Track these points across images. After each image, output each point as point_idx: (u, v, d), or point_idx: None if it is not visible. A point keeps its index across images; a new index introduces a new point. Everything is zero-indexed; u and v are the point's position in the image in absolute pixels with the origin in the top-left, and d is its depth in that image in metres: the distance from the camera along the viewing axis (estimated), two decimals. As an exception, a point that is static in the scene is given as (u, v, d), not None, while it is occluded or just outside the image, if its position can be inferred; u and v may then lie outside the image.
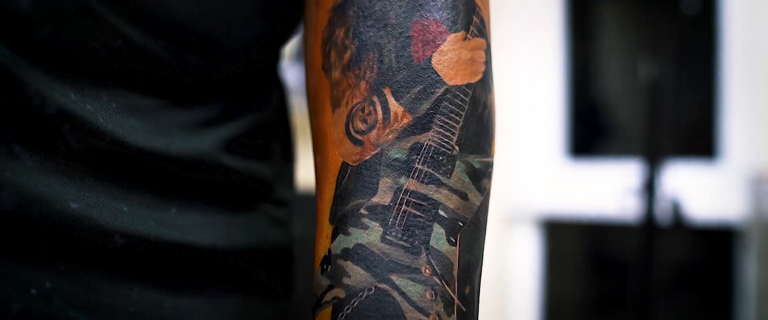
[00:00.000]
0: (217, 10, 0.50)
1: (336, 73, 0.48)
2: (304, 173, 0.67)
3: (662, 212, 1.65)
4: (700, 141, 2.22)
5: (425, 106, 0.46)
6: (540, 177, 2.37)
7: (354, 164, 0.46)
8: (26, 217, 0.44)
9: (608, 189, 2.05)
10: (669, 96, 1.60)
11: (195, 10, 0.49)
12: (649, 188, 1.64)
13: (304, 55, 0.53)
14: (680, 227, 1.66)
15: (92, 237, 0.46)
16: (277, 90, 0.62)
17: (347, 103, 0.47)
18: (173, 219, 0.50)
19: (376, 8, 0.47)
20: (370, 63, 0.47)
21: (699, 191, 1.99)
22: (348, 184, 0.46)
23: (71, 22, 0.44)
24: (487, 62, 0.49)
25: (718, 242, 2.19)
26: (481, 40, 0.48)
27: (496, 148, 0.50)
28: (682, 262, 2.25)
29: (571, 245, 2.49)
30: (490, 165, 0.48)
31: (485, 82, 0.48)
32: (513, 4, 2.38)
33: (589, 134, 2.44)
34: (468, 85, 0.47)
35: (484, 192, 0.47)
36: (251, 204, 0.56)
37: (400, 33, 0.46)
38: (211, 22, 0.50)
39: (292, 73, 1.63)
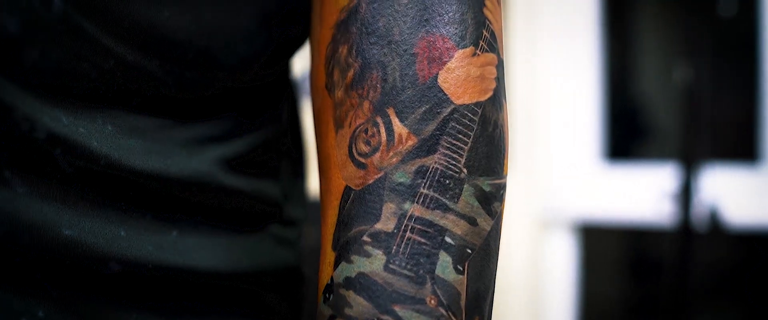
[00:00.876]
0: (214, 26, 0.49)
1: (339, 93, 0.46)
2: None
3: (699, 217, 1.61)
4: (740, 144, 2.16)
5: (431, 126, 0.44)
6: (576, 181, 2.33)
7: (357, 188, 0.44)
8: (16, 245, 0.42)
9: (646, 193, 2.00)
10: (707, 99, 1.55)
11: (191, 27, 0.47)
12: (686, 193, 1.60)
13: (310, 73, 0.51)
14: (718, 232, 1.61)
15: (87, 263, 0.44)
16: (287, 104, 0.61)
17: (350, 124, 0.45)
18: (174, 243, 0.49)
19: (380, 24, 0.45)
20: (374, 82, 0.45)
21: (739, 195, 1.94)
22: (351, 209, 0.44)
23: (60, 44, 0.43)
24: (499, 78, 0.46)
25: (759, 247, 2.13)
26: (491, 56, 0.46)
27: (508, 168, 0.48)
28: (721, 268, 2.19)
29: (608, 250, 2.44)
30: (501, 187, 0.46)
31: (496, 100, 0.46)
32: (547, 3, 2.35)
33: (627, 137, 2.39)
34: (477, 104, 0.45)
35: (495, 216, 0.45)
36: (258, 225, 0.55)
37: (405, 50, 0.44)
38: (208, 38, 0.48)
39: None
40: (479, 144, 0.44)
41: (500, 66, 0.47)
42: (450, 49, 0.44)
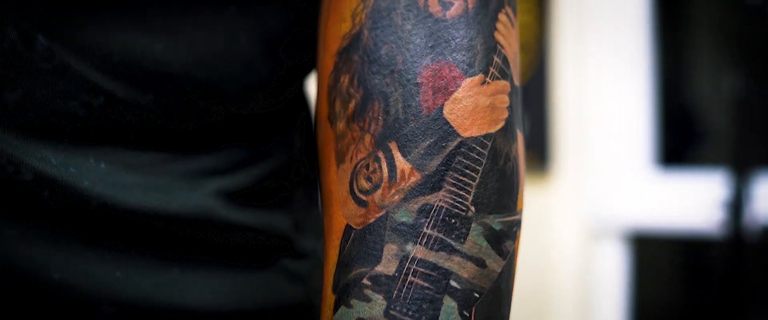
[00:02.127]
0: (213, 55, 0.47)
1: (340, 125, 0.43)
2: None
3: (751, 225, 1.55)
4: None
5: (436, 162, 0.41)
6: (627, 188, 2.26)
7: (358, 227, 0.42)
8: (3, 291, 0.41)
9: (699, 201, 1.94)
10: (759, 105, 1.49)
11: (187, 58, 0.46)
12: (737, 201, 1.54)
13: (315, 103, 0.48)
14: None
15: (77, 309, 0.43)
16: (301, 128, 0.58)
17: (352, 158, 0.43)
18: (174, 282, 0.47)
19: (382, 52, 0.42)
20: (375, 114, 0.42)
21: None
22: (351, 250, 0.42)
23: (45, 83, 0.41)
24: (512, 107, 0.43)
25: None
26: (503, 83, 0.43)
27: (523, 203, 0.44)
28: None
29: (661, 260, 2.37)
30: (514, 224, 0.43)
31: (508, 131, 0.43)
32: (597, 6, 2.29)
33: (679, 142, 2.32)
34: (486, 136, 0.42)
35: (507, 256, 0.42)
36: (266, 259, 0.52)
37: (408, 80, 0.42)
38: (206, 68, 0.46)
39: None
40: (489, 179, 0.41)
41: (514, 93, 0.44)
42: (457, 78, 0.42)
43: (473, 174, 0.41)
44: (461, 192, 0.41)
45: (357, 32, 0.43)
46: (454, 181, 0.41)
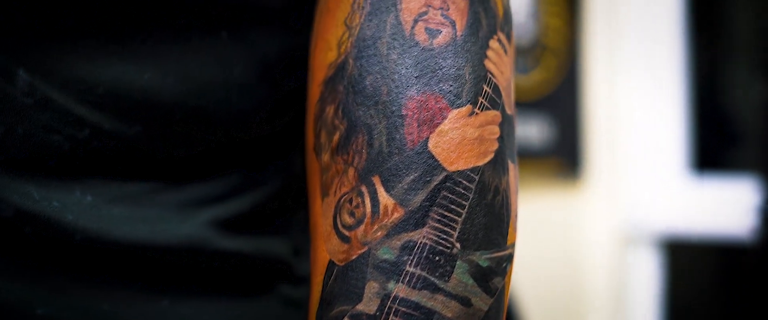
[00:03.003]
0: (204, 83, 0.46)
1: (325, 157, 0.42)
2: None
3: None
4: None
5: (420, 197, 0.39)
6: (660, 194, 2.22)
7: (340, 264, 0.41)
8: None
9: (735, 206, 1.89)
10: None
11: (177, 87, 0.45)
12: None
13: (305, 131, 0.47)
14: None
15: None
16: (303, 151, 0.57)
17: (335, 192, 0.41)
18: (164, 313, 0.46)
19: (367, 83, 0.41)
20: (359, 147, 0.41)
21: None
22: (334, 287, 0.41)
23: (27, 117, 0.41)
24: (503, 138, 0.42)
25: None
26: (492, 113, 0.41)
27: (516, 236, 0.43)
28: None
29: (695, 266, 2.32)
30: (504, 259, 0.41)
31: (498, 163, 0.41)
32: (629, 9, 2.25)
33: (714, 147, 2.27)
34: (474, 169, 0.40)
35: (495, 293, 0.41)
36: (262, 287, 0.51)
37: (393, 112, 0.40)
38: (197, 96, 0.46)
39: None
40: (476, 214, 0.40)
41: (505, 123, 0.42)
42: (443, 110, 0.40)
43: (459, 209, 0.40)
44: (446, 229, 0.39)
45: (342, 61, 0.42)
46: (438, 217, 0.39)
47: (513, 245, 0.42)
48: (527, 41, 2.10)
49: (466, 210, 0.40)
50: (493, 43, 0.42)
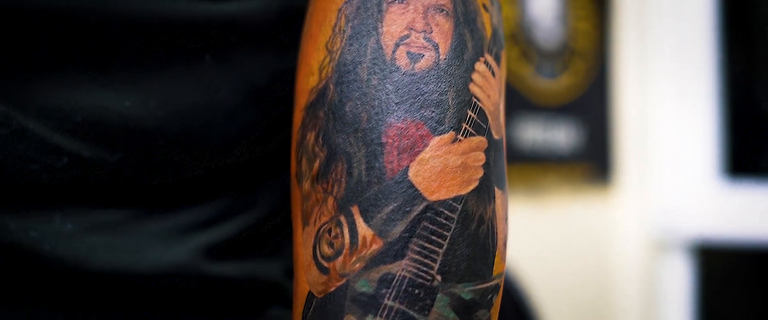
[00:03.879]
0: (188, 108, 0.45)
1: (306, 185, 0.41)
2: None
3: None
4: None
5: (399, 228, 0.38)
6: (692, 199, 2.18)
7: (319, 295, 0.39)
8: None
9: (770, 213, 1.85)
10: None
11: (159, 113, 0.44)
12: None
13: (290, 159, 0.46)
14: None
15: None
16: None
17: (315, 221, 0.40)
18: None
19: (347, 109, 0.40)
20: (339, 175, 0.40)
21: None
22: (312, 319, 0.40)
23: (2, 148, 0.40)
24: (489, 164, 0.40)
25: None
26: (477, 140, 0.40)
27: (504, 266, 0.41)
28: None
29: (729, 273, 2.27)
30: (489, 291, 0.40)
31: (483, 191, 0.40)
32: (660, 11, 2.21)
33: (748, 151, 2.22)
34: (456, 199, 0.39)
35: None
36: (253, 310, 0.51)
37: (372, 139, 0.39)
38: (181, 121, 0.45)
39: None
40: (458, 245, 0.39)
41: (492, 149, 0.41)
42: (424, 137, 0.39)
43: (440, 240, 0.38)
44: (426, 261, 0.38)
45: (323, 87, 0.41)
46: (418, 249, 0.38)
47: (500, 275, 0.41)
48: (555, 45, 2.07)
49: (447, 241, 0.38)
50: (479, 66, 0.41)
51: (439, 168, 0.39)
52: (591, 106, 2.15)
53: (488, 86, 0.41)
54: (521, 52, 1.96)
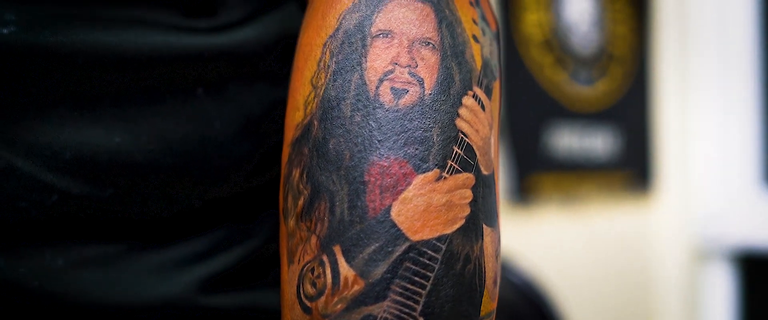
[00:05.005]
0: (180, 142, 0.45)
1: (291, 222, 0.41)
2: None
3: None
4: None
5: (381, 268, 0.37)
6: (734, 206, 2.13)
7: None
8: None
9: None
10: None
11: (149, 148, 0.44)
12: None
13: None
14: None
15: None
16: None
17: (299, 259, 0.40)
18: None
19: (330, 146, 0.39)
20: (322, 214, 0.39)
21: None
22: None
23: None
24: (477, 201, 0.39)
25: None
26: (464, 177, 0.39)
27: (494, 304, 0.41)
28: None
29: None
30: None
31: (470, 229, 0.39)
32: (701, 14, 2.16)
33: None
34: (440, 238, 0.38)
35: None
36: None
37: (355, 178, 0.38)
38: (173, 155, 0.45)
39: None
40: (442, 286, 0.38)
41: (480, 185, 0.40)
42: (408, 175, 0.38)
43: (423, 281, 0.37)
44: (408, 302, 0.37)
45: (308, 123, 0.41)
46: (400, 290, 0.37)
47: (490, 314, 0.40)
48: (591, 51, 2.04)
49: (430, 281, 0.37)
50: (467, 100, 0.40)
51: (422, 207, 0.38)
52: (629, 112, 2.11)
53: (476, 121, 0.40)
54: (556, 59, 1.93)
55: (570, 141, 1.95)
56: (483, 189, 0.40)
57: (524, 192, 1.81)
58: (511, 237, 1.68)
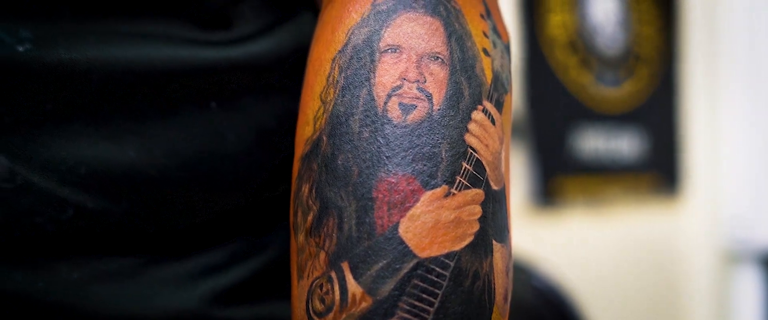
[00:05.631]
0: (194, 155, 0.45)
1: (300, 238, 0.41)
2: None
3: None
4: None
5: (388, 286, 0.37)
6: (764, 208, 2.09)
7: None
8: None
9: None
10: None
11: (163, 162, 0.44)
12: None
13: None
14: None
15: None
16: None
17: (308, 275, 0.40)
18: None
19: (339, 162, 0.39)
20: (330, 230, 0.39)
21: None
22: None
23: (6, 202, 0.41)
24: (487, 217, 0.39)
25: None
26: (473, 193, 0.39)
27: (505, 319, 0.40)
28: None
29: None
30: None
31: (479, 245, 0.39)
32: (728, 7, 2.14)
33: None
34: (449, 255, 0.38)
35: None
36: None
37: (362, 194, 0.38)
38: (187, 169, 0.45)
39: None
40: (451, 303, 0.37)
41: (490, 200, 0.40)
42: (415, 191, 0.38)
43: (431, 298, 0.37)
44: None
45: (317, 138, 0.41)
46: (408, 307, 0.37)
47: None
48: (617, 52, 2.02)
49: (439, 299, 0.37)
50: (477, 115, 0.40)
51: (430, 223, 0.38)
52: (656, 114, 2.09)
53: (486, 135, 0.40)
54: (581, 61, 1.92)
55: (596, 143, 1.94)
56: (493, 204, 0.40)
57: (549, 195, 1.79)
58: (536, 240, 1.67)
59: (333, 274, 0.38)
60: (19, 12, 0.41)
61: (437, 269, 0.37)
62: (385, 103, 0.39)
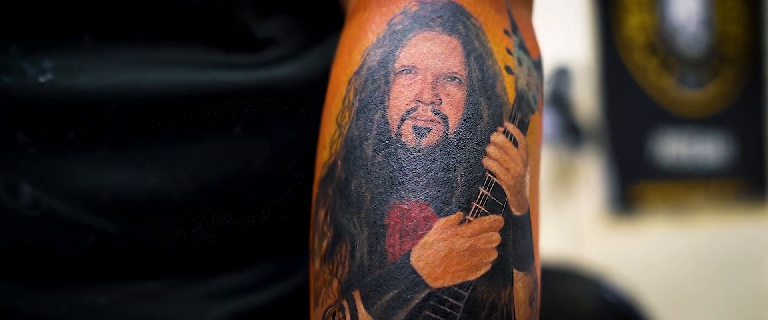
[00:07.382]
0: (217, 180, 0.45)
1: (316, 263, 0.40)
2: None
3: None
4: None
5: (399, 317, 0.36)
6: None
7: None
8: None
9: None
10: None
11: (187, 186, 0.44)
12: None
13: None
14: None
15: None
16: None
17: (322, 302, 0.39)
18: None
19: (352, 187, 0.38)
20: (343, 257, 0.38)
21: None
22: None
23: (32, 229, 0.42)
24: (507, 245, 0.37)
25: None
26: (491, 219, 0.37)
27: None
28: None
29: None
30: None
31: (497, 275, 0.37)
32: None
33: None
34: (463, 285, 0.36)
35: None
36: None
37: (375, 221, 0.37)
38: (209, 194, 0.45)
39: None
40: None
41: (510, 227, 0.38)
42: (428, 219, 0.36)
43: None
44: None
45: (332, 163, 0.40)
46: None
47: None
48: (700, 52, 1.94)
49: None
50: (496, 137, 0.38)
51: (443, 252, 0.36)
52: (743, 117, 2.00)
53: (507, 159, 0.38)
54: (661, 62, 1.85)
55: (678, 148, 1.87)
56: (514, 231, 0.38)
57: (628, 203, 1.74)
58: (613, 250, 1.62)
59: (344, 303, 0.37)
60: (41, 42, 0.41)
61: (450, 300, 0.36)
62: (399, 127, 0.38)
